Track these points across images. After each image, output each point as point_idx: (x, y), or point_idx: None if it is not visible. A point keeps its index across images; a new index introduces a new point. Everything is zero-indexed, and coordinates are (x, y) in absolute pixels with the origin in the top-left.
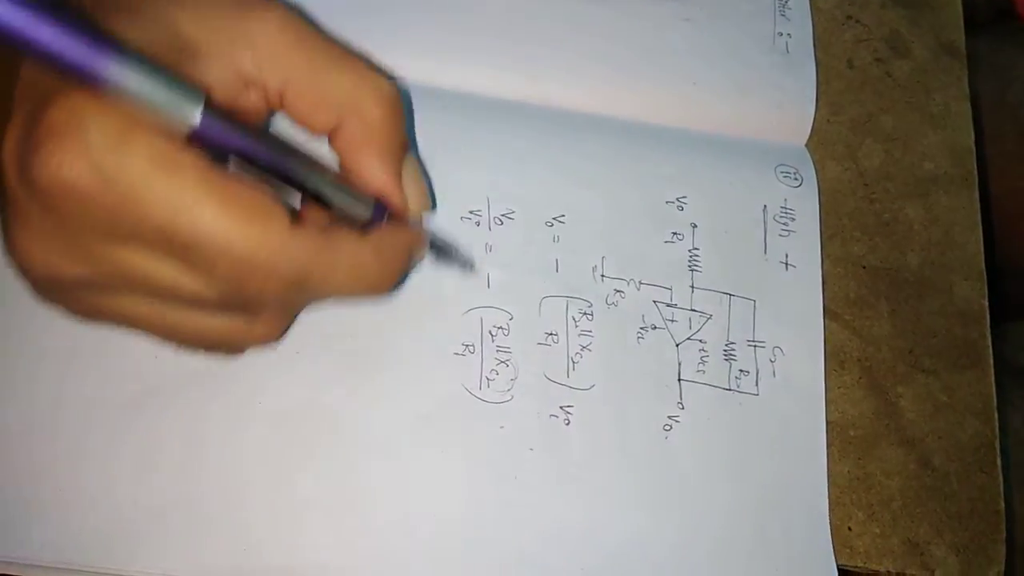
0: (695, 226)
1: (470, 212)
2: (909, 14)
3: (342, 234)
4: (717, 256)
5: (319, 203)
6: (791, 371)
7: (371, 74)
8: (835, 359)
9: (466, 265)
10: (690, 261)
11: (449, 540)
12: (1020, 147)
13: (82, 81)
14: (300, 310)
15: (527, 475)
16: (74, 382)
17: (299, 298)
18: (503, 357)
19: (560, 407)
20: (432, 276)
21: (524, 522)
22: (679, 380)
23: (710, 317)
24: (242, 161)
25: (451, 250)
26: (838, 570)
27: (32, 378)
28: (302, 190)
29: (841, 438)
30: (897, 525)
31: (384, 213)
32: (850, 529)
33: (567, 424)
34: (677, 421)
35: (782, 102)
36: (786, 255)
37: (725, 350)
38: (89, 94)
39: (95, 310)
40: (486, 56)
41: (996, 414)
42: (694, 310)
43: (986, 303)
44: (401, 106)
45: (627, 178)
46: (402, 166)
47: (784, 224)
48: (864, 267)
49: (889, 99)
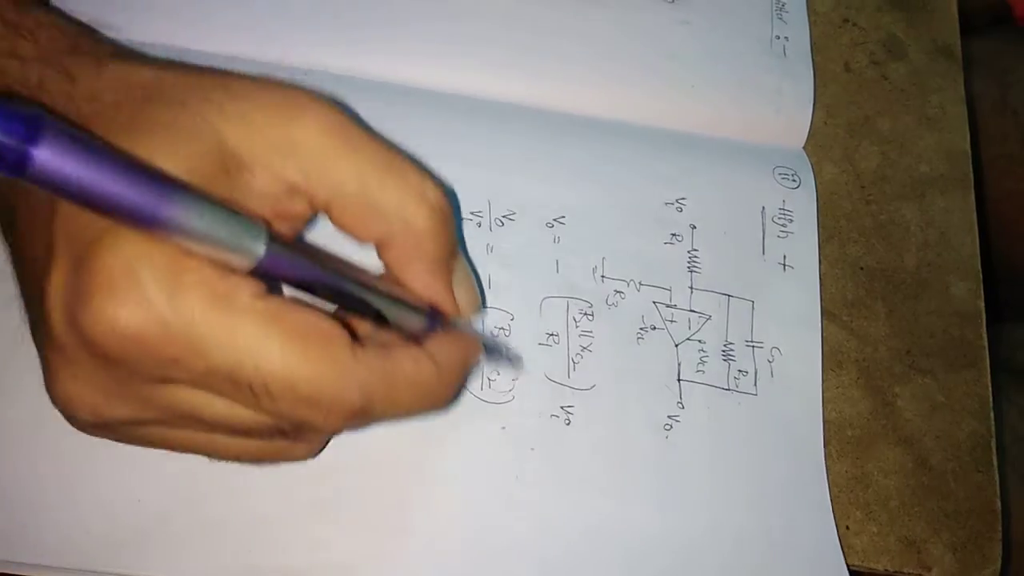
0: (694, 227)
1: (471, 213)
2: (905, 17)
3: (402, 352)
4: (716, 257)
5: (375, 318)
6: (789, 371)
7: (419, 181)
8: (833, 359)
9: (515, 362)
10: (689, 262)
11: (450, 540)
12: (1021, 150)
13: (141, 225)
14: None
15: (528, 475)
16: None
17: (361, 425)
18: None
19: (561, 407)
20: None
21: (525, 522)
22: (679, 380)
23: (709, 318)
24: (300, 287)
25: (501, 350)
26: None
27: (38, 379)
28: (359, 309)
29: (839, 438)
30: (894, 524)
31: (437, 321)
32: (848, 528)
33: (568, 424)
34: (677, 420)
35: (780, 105)
36: (784, 256)
37: (724, 350)
38: (143, 236)
39: (143, 441)
40: (487, 59)
41: (992, 414)
42: (693, 311)
43: (982, 304)
44: (451, 212)
45: (627, 180)
46: (453, 273)
47: (782, 226)
48: (861, 268)
49: (885, 102)
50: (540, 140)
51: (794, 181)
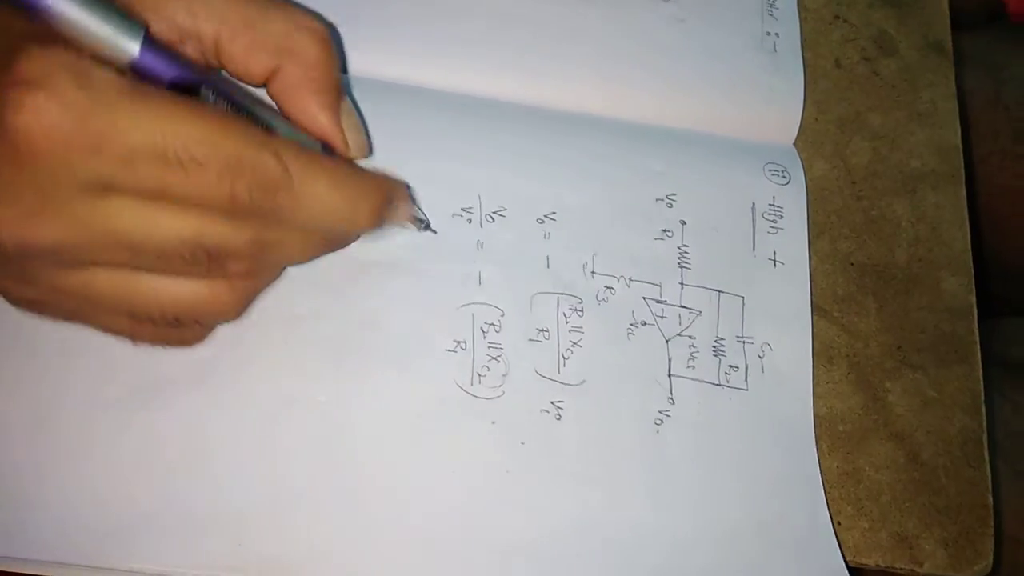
0: (684, 223)
1: (462, 209)
2: (896, 13)
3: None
4: (706, 253)
5: None
6: (779, 367)
7: (303, 15)
8: (823, 355)
9: (423, 224)
10: (679, 258)
11: (441, 534)
12: (1014, 146)
13: (24, 8)
14: (266, 279)
15: (519, 470)
16: (70, 380)
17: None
18: (494, 353)
19: (551, 402)
20: (425, 272)
21: (516, 516)
22: (669, 375)
23: (699, 313)
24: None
25: (414, 197)
26: None
27: (29, 376)
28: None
29: (830, 433)
30: (886, 519)
31: (333, 156)
32: (839, 523)
33: (558, 419)
34: (668, 415)
35: (770, 101)
36: (774, 252)
37: (714, 346)
38: (53, 45)
39: (55, 291)
40: (478, 56)
41: (984, 409)
42: (683, 306)
43: (973, 299)
44: (333, 45)
45: (617, 176)
46: (340, 108)
47: (772, 221)
48: (852, 263)
49: (876, 97)
50: (530, 136)
51: (784, 177)
